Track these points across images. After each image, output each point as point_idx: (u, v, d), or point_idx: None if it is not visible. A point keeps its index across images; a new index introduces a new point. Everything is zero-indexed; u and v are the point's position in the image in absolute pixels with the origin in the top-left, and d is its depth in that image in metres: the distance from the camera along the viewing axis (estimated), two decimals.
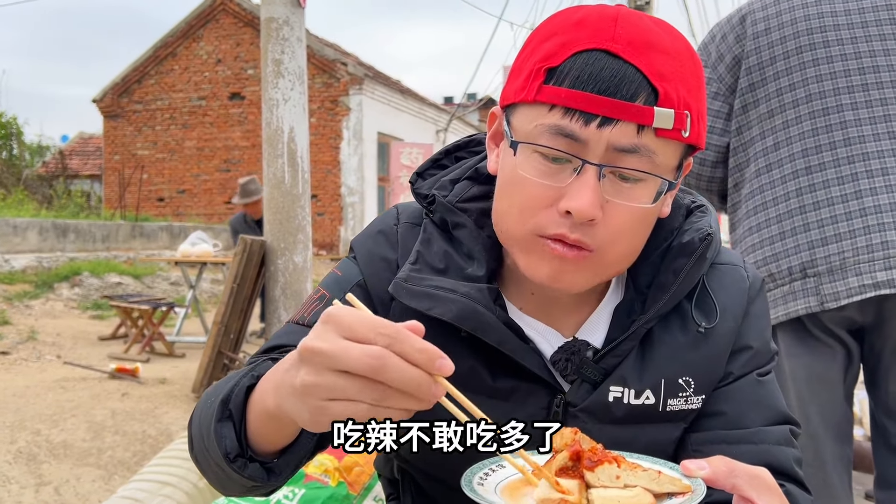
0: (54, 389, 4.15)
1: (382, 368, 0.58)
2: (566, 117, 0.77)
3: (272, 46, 4.50)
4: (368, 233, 0.97)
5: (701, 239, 0.89)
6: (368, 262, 0.93)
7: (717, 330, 0.91)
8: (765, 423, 0.91)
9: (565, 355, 0.87)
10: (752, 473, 0.67)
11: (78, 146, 20.44)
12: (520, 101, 0.81)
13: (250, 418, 0.74)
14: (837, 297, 1.63)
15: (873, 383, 1.77)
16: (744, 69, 1.81)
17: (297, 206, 4.58)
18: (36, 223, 9.07)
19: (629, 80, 0.76)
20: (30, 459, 3.22)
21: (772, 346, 0.97)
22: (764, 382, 0.94)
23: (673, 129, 0.77)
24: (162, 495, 2.74)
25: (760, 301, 0.97)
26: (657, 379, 0.88)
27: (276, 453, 0.76)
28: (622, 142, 0.76)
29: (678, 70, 0.78)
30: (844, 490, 1.77)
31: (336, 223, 14.11)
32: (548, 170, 0.79)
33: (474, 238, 0.90)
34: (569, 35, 0.79)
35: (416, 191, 0.96)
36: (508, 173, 0.83)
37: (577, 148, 0.77)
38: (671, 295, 0.88)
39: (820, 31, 1.75)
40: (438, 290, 0.85)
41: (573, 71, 0.77)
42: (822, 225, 1.68)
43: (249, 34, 14.52)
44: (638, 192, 0.79)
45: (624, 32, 0.77)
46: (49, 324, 6.62)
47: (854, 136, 1.69)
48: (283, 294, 4.57)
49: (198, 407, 0.84)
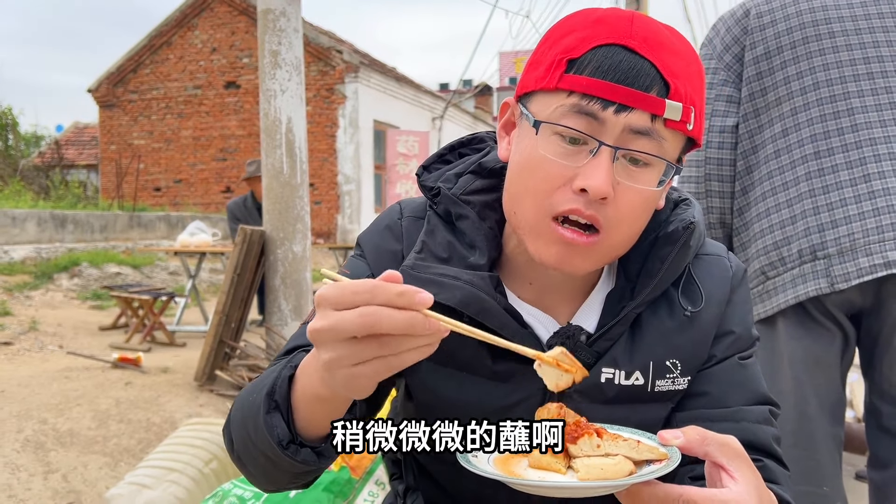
0: (58, 379, 4.20)
1: (376, 322, 0.64)
2: (585, 100, 0.83)
3: (269, 38, 4.52)
4: (374, 228, 1.03)
5: (684, 227, 0.96)
6: (376, 256, 0.99)
7: (702, 315, 0.97)
8: (745, 403, 0.97)
9: (560, 339, 0.93)
10: (722, 441, 0.73)
11: (73, 136, 20.39)
12: (540, 88, 0.87)
13: (296, 406, 0.79)
14: (848, 277, 1.67)
15: (869, 366, 1.83)
16: (751, 59, 1.86)
17: (295, 196, 4.62)
18: (34, 214, 9.09)
19: (645, 73, 0.83)
20: (37, 448, 3.28)
21: (753, 333, 1.03)
22: (745, 365, 1.00)
23: (680, 121, 0.84)
24: (168, 481, 2.80)
25: (743, 289, 1.03)
26: (646, 361, 0.94)
27: (322, 438, 0.81)
28: (638, 124, 0.83)
29: (686, 69, 0.85)
30: (835, 469, 1.83)
31: (333, 211, 14.13)
32: (565, 151, 0.85)
33: (476, 228, 0.96)
34: (588, 31, 0.85)
35: (422, 183, 1.02)
36: (526, 155, 0.88)
37: (596, 128, 0.83)
38: (658, 281, 0.94)
39: (825, 22, 1.80)
40: (443, 277, 0.91)
41: (594, 62, 0.83)
42: (832, 208, 1.72)
43: (244, 22, 14.47)
44: (646, 176, 0.86)
45: (640, 30, 0.84)
46: (50, 314, 6.65)
47: (861, 122, 1.74)
48: (283, 283, 4.61)
49: (235, 409, 0.90)
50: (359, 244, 1.03)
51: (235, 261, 4.39)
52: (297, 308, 4.66)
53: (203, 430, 3.08)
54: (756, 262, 1.85)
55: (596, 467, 0.70)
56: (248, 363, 4.34)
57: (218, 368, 4.36)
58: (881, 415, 1.81)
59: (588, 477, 0.70)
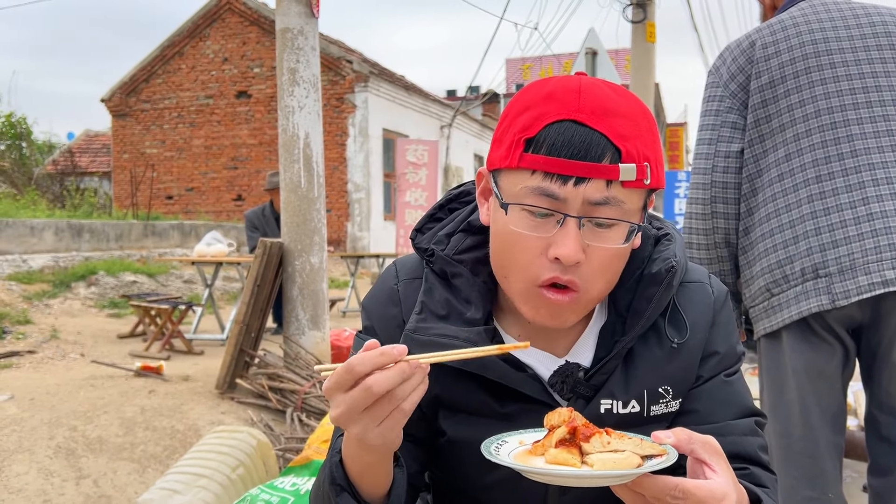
0: (84, 387, 4.33)
1: (376, 385, 0.80)
2: (546, 180, 0.92)
3: (287, 56, 4.65)
4: (375, 297, 1.13)
5: (667, 270, 1.04)
6: (381, 324, 1.09)
7: (688, 343, 1.07)
8: (732, 417, 1.08)
9: (560, 378, 1.03)
10: (704, 440, 0.85)
11: (84, 143, 20.60)
12: (504, 167, 0.96)
13: (355, 480, 0.94)
14: (848, 295, 1.77)
15: (868, 378, 1.92)
16: (756, 87, 1.94)
17: (312, 209, 4.74)
18: (52, 223, 9.25)
19: (595, 144, 0.90)
20: (69, 454, 3.40)
21: (738, 350, 1.13)
22: (731, 382, 1.10)
23: (636, 179, 0.92)
24: (198, 486, 2.91)
25: (725, 311, 1.13)
26: (640, 390, 1.04)
27: (385, 496, 0.96)
28: (595, 196, 0.91)
29: (635, 129, 0.93)
30: (836, 475, 1.92)
31: (343, 219, 14.27)
32: (535, 223, 0.94)
33: (471, 285, 1.05)
34: (541, 108, 0.93)
35: (416, 245, 1.11)
36: (501, 230, 0.97)
37: (558, 204, 0.92)
38: (645, 318, 1.03)
39: (826, 53, 1.90)
40: (443, 339, 1.00)
41: (548, 139, 0.91)
42: (833, 229, 1.81)
43: (255, 33, 14.66)
44: (612, 235, 0.95)
45: (587, 102, 0.92)
46: (69, 322, 6.79)
47: (860, 148, 1.83)
48: (301, 294, 4.74)
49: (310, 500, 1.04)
50: (365, 311, 1.13)
51: (256, 272, 4.52)
52: (314, 318, 4.78)
53: (229, 438, 3.20)
54: (761, 280, 1.95)
55: (609, 461, 0.80)
56: (268, 371, 4.46)
57: (238, 377, 4.48)
58: (880, 424, 1.90)
59: (604, 468, 0.81)
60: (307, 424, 3.97)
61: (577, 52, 8.20)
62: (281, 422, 4.14)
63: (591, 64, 7.68)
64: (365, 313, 1.13)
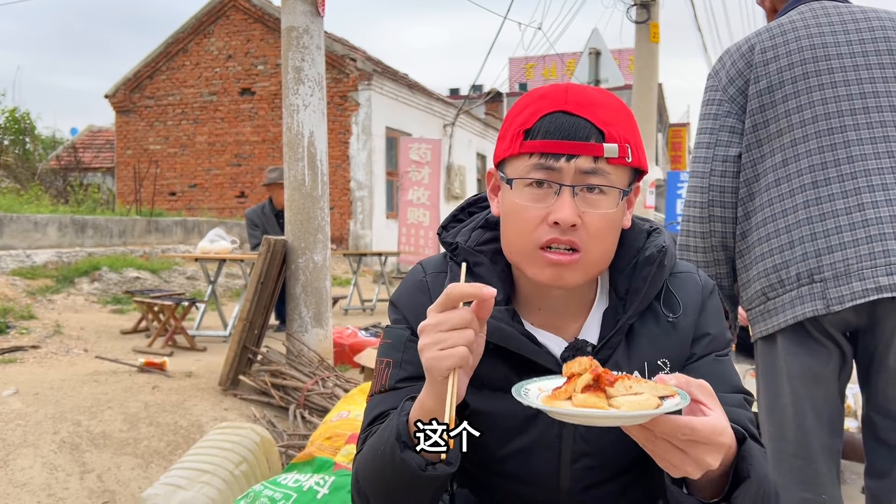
0: (88, 382, 4.36)
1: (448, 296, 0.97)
2: (543, 158, 1.09)
3: (293, 54, 4.68)
4: (404, 290, 1.26)
5: (658, 251, 1.19)
6: (413, 315, 1.20)
7: (682, 321, 1.20)
8: (723, 391, 1.15)
9: (572, 352, 1.14)
10: (700, 383, 0.95)
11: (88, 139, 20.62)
12: (508, 155, 1.13)
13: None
14: (842, 300, 1.79)
15: (865, 381, 1.94)
16: (754, 92, 1.96)
17: (316, 207, 4.77)
18: (55, 219, 9.28)
19: (582, 128, 1.08)
20: (73, 449, 3.43)
21: (727, 336, 1.25)
22: (721, 362, 1.22)
23: (619, 157, 1.09)
24: (201, 482, 2.94)
25: (713, 299, 1.26)
26: (641, 363, 1.17)
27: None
28: (585, 166, 1.08)
29: (615, 117, 1.10)
30: (832, 478, 1.94)
31: (345, 217, 14.30)
32: (536, 195, 1.09)
33: (491, 272, 1.20)
34: (535, 105, 1.12)
35: (443, 240, 1.27)
36: (508, 206, 1.13)
37: (554, 175, 1.08)
38: (643, 295, 1.17)
39: (825, 59, 1.92)
40: None
41: (542, 127, 1.09)
42: (828, 235, 1.83)
43: (259, 30, 14.67)
44: (604, 202, 1.10)
45: (573, 97, 1.10)
46: (72, 318, 6.83)
47: (856, 154, 1.85)
48: (304, 291, 4.77)
49: (362, 469, 1.11)
50: (395, 305, 1.25)
51: (259, 269, 4.55)
52: (317, 315, 4.81)
53: (232, 434, 3.23)
54: (757, 284, 1.97)
55: (633, 402, 0.90)
56: (271, 368, 4.49)
57: (241, 374, 4.51)
58: (877, 427, 1.93)
59: (632, 410, 0.89)
60: (310, 421, 4.00)
61: (581, 52, 8.20)
62: (284, 419, 4.17)
63: (594, 64, 7.70)
64: (394, 307, 1.25)
